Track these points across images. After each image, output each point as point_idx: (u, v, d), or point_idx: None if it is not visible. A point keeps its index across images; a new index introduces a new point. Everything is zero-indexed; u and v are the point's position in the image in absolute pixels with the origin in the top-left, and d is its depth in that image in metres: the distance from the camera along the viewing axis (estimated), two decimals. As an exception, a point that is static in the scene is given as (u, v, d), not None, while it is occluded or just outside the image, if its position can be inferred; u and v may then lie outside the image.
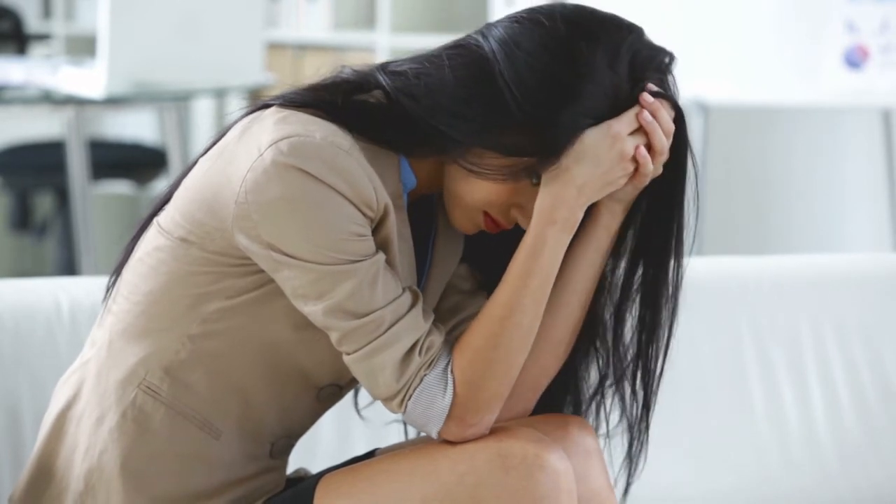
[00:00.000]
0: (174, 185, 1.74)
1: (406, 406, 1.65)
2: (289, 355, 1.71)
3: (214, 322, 1.69)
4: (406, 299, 1.66)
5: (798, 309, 2.49)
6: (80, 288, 2.20)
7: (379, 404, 1.74)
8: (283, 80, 4.58)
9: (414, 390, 1.65)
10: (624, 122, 1.65)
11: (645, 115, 1.65)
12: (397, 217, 1.67)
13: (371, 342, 1.63)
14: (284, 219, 1.61)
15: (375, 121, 1.66)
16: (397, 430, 2.01)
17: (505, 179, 1.65)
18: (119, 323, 1.73)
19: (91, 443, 1.72)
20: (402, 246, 1.69)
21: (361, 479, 1.70)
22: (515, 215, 1.70)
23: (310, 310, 1.64)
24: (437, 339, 1.66)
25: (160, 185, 4.78)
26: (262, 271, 1.66)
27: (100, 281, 2.05)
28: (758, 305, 2.48)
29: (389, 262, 1.66)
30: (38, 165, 4.66)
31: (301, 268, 1.62)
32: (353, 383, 1.78)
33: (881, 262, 2.64)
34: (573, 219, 1.66)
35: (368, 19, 5.09)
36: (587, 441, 1.77)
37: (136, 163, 4.78)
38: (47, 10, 5.85)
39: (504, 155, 1.64)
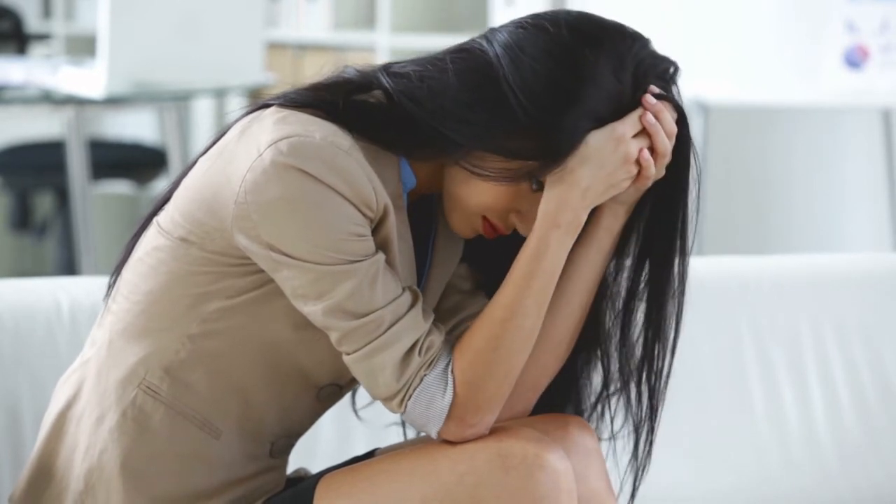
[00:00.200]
0: (174, 185, 1.74)
1: (406, 406, 1.65)
2: (289, 355, 1.71)
3: (214, 322, 1.69)
4: (406, 299, 1.66)
5: (798, 309, 2.49)
6: (80, 288, 2.20)
7: (378, 406, 1.74)
8: (283, 80, 4.58)
9: (414, 390, 1.65)
10: (628, 125, 1.65)
11: (648, 118, 1.65)
12: (397, 217, 1.67)
13: (371, 342, 1.63)
14: (284, 219, 1.61)
15: (376, 121, 1.66)
16: (397, 430, 2.01)
17: (507, 181, 1.65)
18: (119, 322, 1.73)
19: (91, 442, 1.72)
20: (402, 246, 1.69)
21: (361, 479, 1.70)
22: (514, 221, 1.70)
23: (309, 310, 1.64)
24: (437, 339, 1.66)
25: (160, 185, 4.78)
26: (262, 271, 1.66)
27: (100, 281, 2.05)
28: (758, 305, 2.48)
29: (389, 262, 1.66)
30: (38, 165, 4.66)
31: (300, 268, 1.62)
32: (353, 383, 1.78)
33: (881, 262, 2.64)
34: (577, 222, 1.66)
35: (368, 19, 5.09)
36: (587, 441, 1.77)
37: (136, 163, 4.78)
38: (47, 10, 5.85)
39: (507, 158, 1.64)
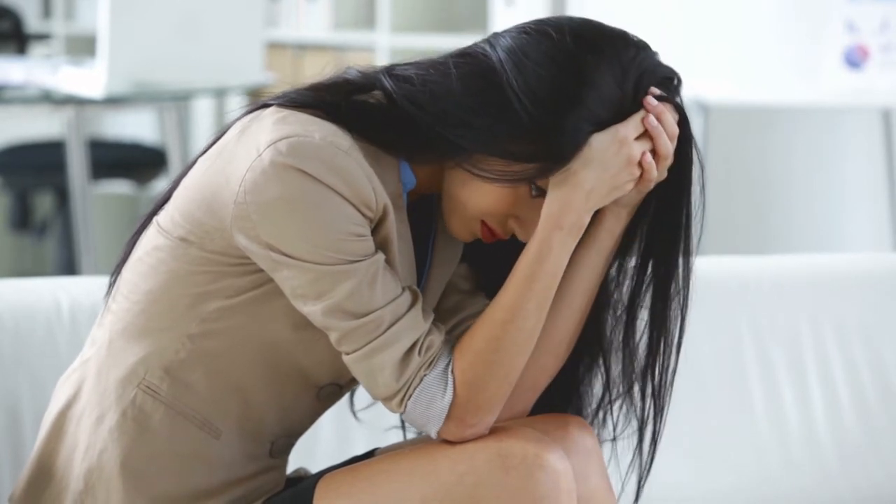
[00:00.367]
0: (174, 185, 1.74)
1: (406, 406, 1.65)
2: (288, 355, 1.71)
3: (214, 321, 1.69)
4: (405, 299, 1.66)
5: (798, 309, 2.49)
6: (80, 288, 2.20)
7: (378, 408, 1.74)
8: (283, 80, 4.58)
9: (413, 390, 1.65)
10: (630, 127, 1.65)
11: (650, 120, 1.65)
12: (397, 217, 1.67)
13: (370, 342, 1.63)
14: (283, 219, 1.61)
15: (376, 122, 1.66)
16: (397, 433, 2.01)
17: (509, 182, 1.65)
18: (119, 322, 1.73)
19: (91, 442, 1.72)
20: (402, 246, 1.69)
21: (361, 479, 1.70)
22: (513, 226, 1.70)
23: (309, 310, 1.64)
24: (437, 339, 1.66)
25: (160, 185, 4.78)
26: (262, 271, 1.66)
27: (100, 281, 2.05)
28: (758, 305, 2.48)
29: (389, 262, 1.66)
30: (38, 165, 4.66)
31: (300, 268, 1.62)
32: (354, 382, 1.78)
33: (881, 262, 2.64)
34: (580, 224, 1.66)
35: (368, 19, 5.09)
36: (587, 441, 1.77)
37: (136, 162, 4.78)
38: (47, 10, 5.85)
39: (510, 161, 1.64)
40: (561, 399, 1.82)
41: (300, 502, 1.72)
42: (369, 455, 1.84)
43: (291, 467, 1.86)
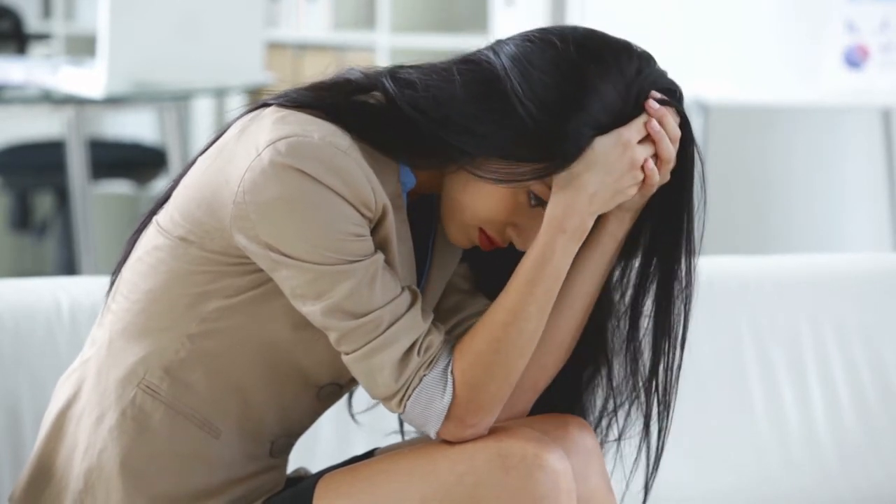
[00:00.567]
0: (173, 184, 1.74)
1: (405, 406, 1.65)
2: (288, 354, 1.71)
3: (214, 321, 1.69)
4: (405, 299, 1.66)
5: (798, 309, 2.49)
6: (80, 288, 2.20)
7: (377, 411, 1.74)
8: (283, 80, 4.58)
9: (413, 390, 1.65)
10: (633, 130, 1.65)
11: (653, 125, 1.65)
12: (396, 217, 1.67)
13: (369, 342, 1.63)
14: (282, 219, 1.61)
15: (376, 124, 1.66)
16: (397, 436, 2.01)
17: (511, 183, 1.65)
18: (119, 322, 1.73)
19: (91, 441, 1.72)
20: (402, 246, 1.69)
21: (361, 479, 1.70)
22: (511, 234, 1.70)
23: (308, 310, 1.64)
24: (437, 339, 1.66)
25: (160, 185, 4.78)
26: (261, 270, 1.66)
27: (100, 281, 2.05)
28: (758, 305, 2.48)
29: (389, 262, 1.66)
30: (38, 165, 4.66)
31: (299, 268, 1.62)
32: (354, 382, 1.78)
33: (881, 262, 2.64)
34: (583, 227, 1.66)
35: (368, 19, 5.09)
36: (587, 441, 1.77)
37: (136, 162, 4.78)
38: (47, 10, 5.85)
39: (513, 162, 1.64)
40: (565, 406, 1.82)
41: (300, 502, 1.72)
42: (369, 455, 1.84)
43: (291, 467, 1.86)
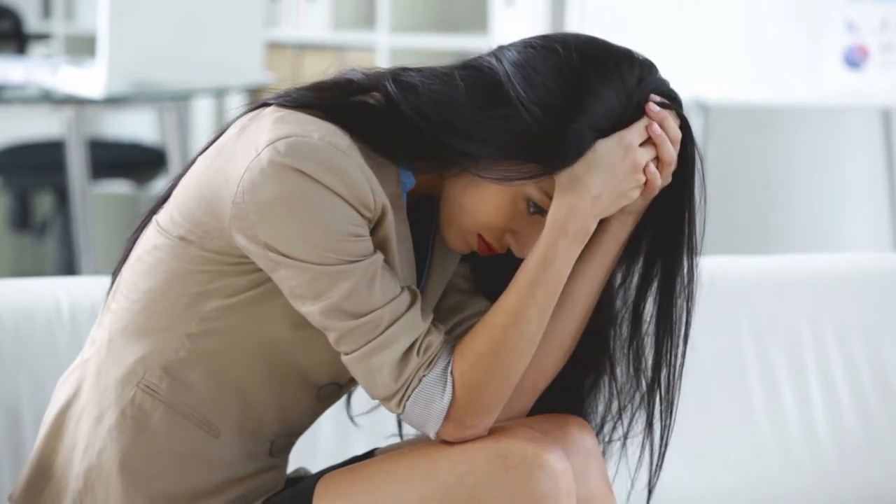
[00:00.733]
0: (173, 184, 1.74)
1: (404, 406, 1.65)
2: (287, 354, 1.71)
3: (213, 321, 1.69)
4: (404, 299, 1.65)
5: (798, 309, 2.49)
6: (80, 288, 2.20)
7: (377, 414, 1.74)
8: (283, 80, 4.58)
9: (412, 390, 1.65)
10: (634, 133, 1.65)
11: (654, 128, 1.66)
12: (396, 217, 1.67)
13: (369, 342, 1.63)
14: (281, 219, 1.61)
15: (376, 125, 1.66)
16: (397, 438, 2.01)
17: (513, 181, 1.65)
18: (118, 321, 1.73)
19: (90, 441, 1.72)
20: (402, 246, 1.69)
21: (360, 479, 1.70)
22: (509, 241, 1.70)
23: (307, 310, 1.64)
24: (436, 339, 1.66)
25: (160, 185, 4.78)
26: (261, 270, 1.66)
27: (100, 281, 2.05)
28: (758, 305, 2.48)
29: (388, 263, 1.66)
30: (38, 165, 4.66)
31: (298, 268, 1.62)
32: (353, 382, 1.78)
33: (881, 262, 2.64)
34: (585, 230, 1.66)
35: (368, 19, 5.09)
36: (586, 441, 1.77)
37: (136, 162, 4.78)
38: (47, 10, 5.85)
39: (514, 162, 1.64)
40: (565, 409, 1.82)
41: (300, 502, 1.72)
42: (369, 455, 1.84)
43: (291, 467, 1.86)
